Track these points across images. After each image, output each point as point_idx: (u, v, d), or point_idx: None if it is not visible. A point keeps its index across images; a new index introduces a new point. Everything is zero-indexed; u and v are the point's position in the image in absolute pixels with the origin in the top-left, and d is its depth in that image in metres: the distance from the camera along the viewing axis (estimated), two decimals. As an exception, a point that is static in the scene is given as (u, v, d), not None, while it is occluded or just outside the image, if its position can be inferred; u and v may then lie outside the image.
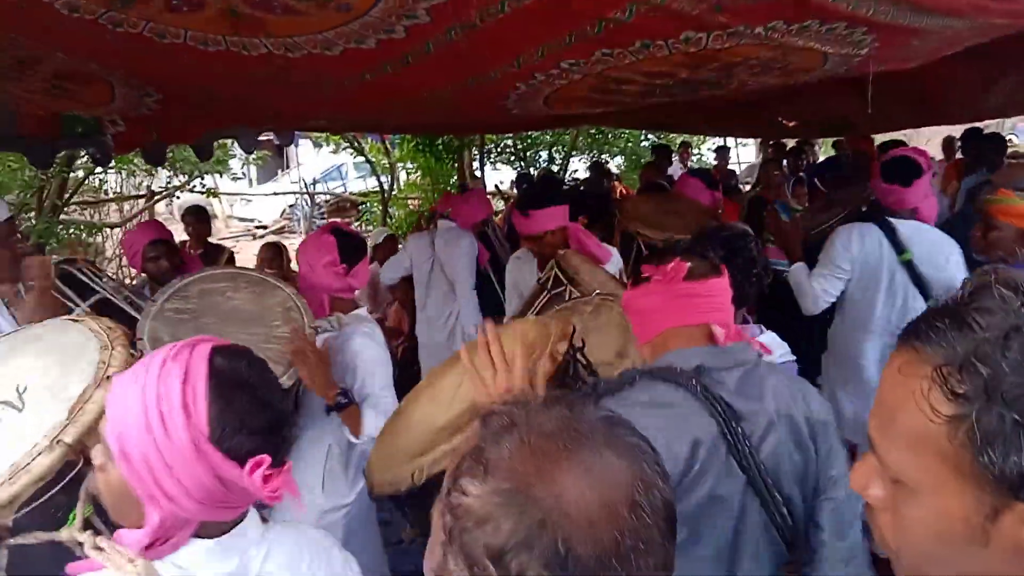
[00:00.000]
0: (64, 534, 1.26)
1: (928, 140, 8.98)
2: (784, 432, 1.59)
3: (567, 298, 2.86)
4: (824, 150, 12.19)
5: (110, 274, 2.76)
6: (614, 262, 3.83)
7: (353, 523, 2.83)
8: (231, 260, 6.10)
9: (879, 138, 8.73)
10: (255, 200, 20.15)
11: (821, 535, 1.62)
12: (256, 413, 1.18)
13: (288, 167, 23.36)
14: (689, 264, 1.73)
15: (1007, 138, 15.67)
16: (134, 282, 4.54)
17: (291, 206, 19.39)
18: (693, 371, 1.60)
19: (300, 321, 2.38)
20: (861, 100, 6.14)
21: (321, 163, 20.40)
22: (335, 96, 3.06)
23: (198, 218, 5.97)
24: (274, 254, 6.25)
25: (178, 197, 10.98)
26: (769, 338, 2.28)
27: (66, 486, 1.35)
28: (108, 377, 1.43)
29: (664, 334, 1.74)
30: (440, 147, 10.67)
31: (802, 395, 1.70)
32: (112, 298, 2.54)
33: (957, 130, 8.50)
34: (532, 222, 3.66)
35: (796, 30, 2.37)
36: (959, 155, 8.27)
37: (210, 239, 6.31)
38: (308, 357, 2.46)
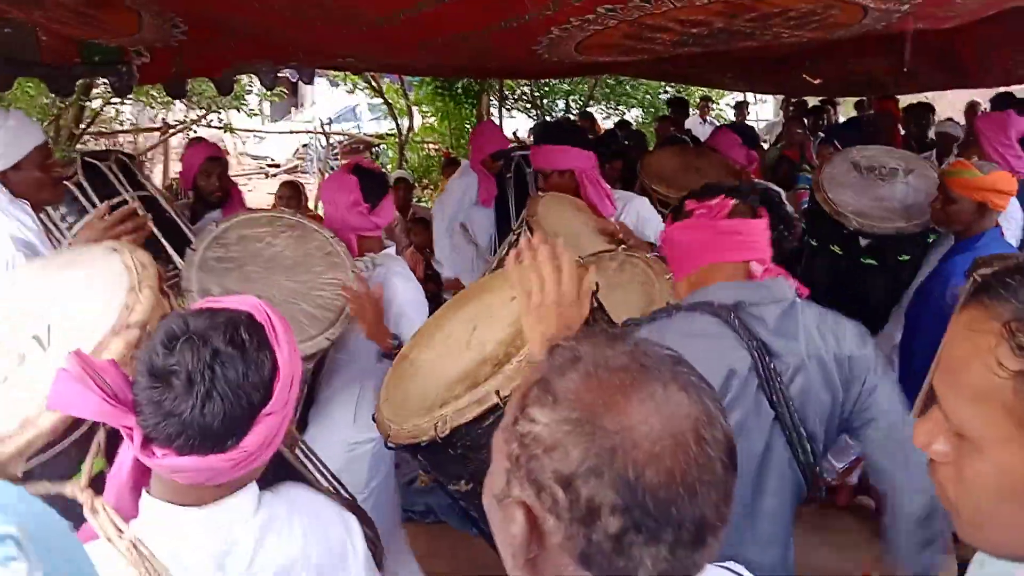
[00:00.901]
0: (67, 488, 1.21)
1: (950, 103, 8.81)
2: (814, 371, 1.61)
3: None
4: (845, 110, 12.03)
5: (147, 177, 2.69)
6: (635, 212, 3.75)
7: (376, 457, 2.88)
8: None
9: (903, 99, 8.59)
10: (268, 138, 20.03)
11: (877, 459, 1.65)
12: None
13: (301, 106, 23.16)
14: (733, 201, 1.75)
15: None
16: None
17: (304, 145, 19.26)
18: (732, 306, 1.62)
19: (343, 265, 2.38)
20: (888, 58, 6.06)
21: (335, 103, 20.21)
22: (367, 34, 3.02)
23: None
24: (292, 193, 6.25)
25: (194, 131, 10.93)
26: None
27: (79, 439, 1.32)
28: (128, 325, 1.37)
29: (704, 269, 1.76)
30: (459, 91, 10.58)
31: (835, 333, 1.71)
32: (131, 201, 2.49)
33: (979, 94, 8.34)
34: (540, 156, 3.66)
35: (840, -18, 2.33)
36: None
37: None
38: (366, 307, 2.50)
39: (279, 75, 5.63)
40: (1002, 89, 7.41)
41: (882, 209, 3.67)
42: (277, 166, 19.01)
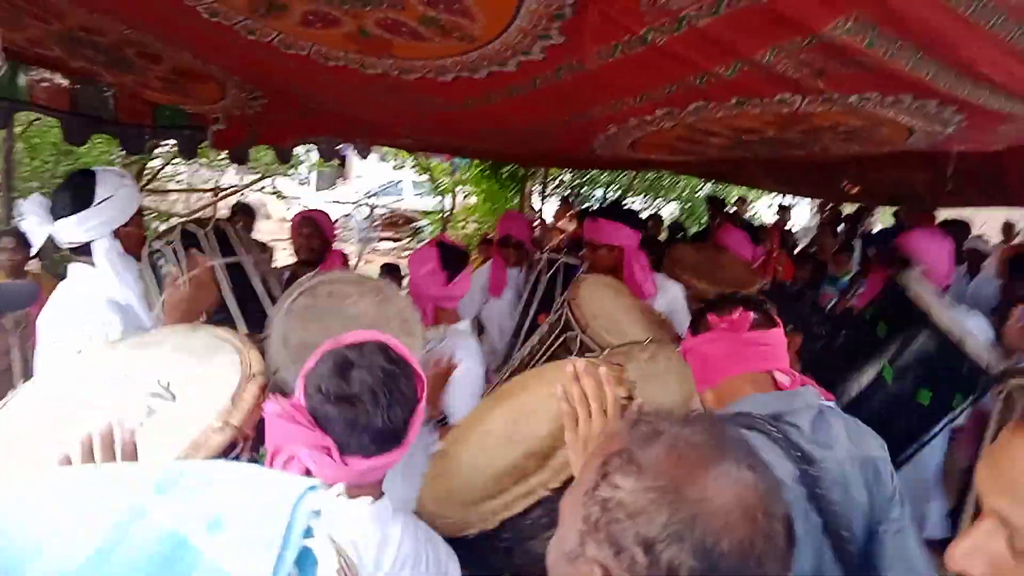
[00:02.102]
0: None
1: (985, 222, 8.88)
2: (854, 475, 1.66)
3: (578, 343, 2.89)
4: (882, 218, 12.12)
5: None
6: (669, 300, 3.81)
7: None
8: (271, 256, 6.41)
9: (940, 214, 8.69)
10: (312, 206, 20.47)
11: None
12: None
13: (347, 177, 23.77)
14: (753, 314, 1.84)
15: None
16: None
17: (346, 216, 19.72)
18: (770, 417, 1.68)
19: (415, 333, 2.50)
20: (930, 173, 6.18)
21: (379, 176, 20.74)
22: (433, 117, 3.21)
23: (246, 215, 6.35)
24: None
25: (243, 195, 11.30)
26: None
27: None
28: (254, 374, 1.65)
29: (731, 380, 1.81)
30: (504, 175, 10.88)
31: (863, 438, 1.77)
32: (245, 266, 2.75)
33: (1015, 214, 8.42)
34: (593, 228, 3.75)
35: (890, 103, 2.47)
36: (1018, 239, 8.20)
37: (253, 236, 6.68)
38: (432, 379, 2.65)
39: (337, 147, 5.89)
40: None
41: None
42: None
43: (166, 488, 0.65)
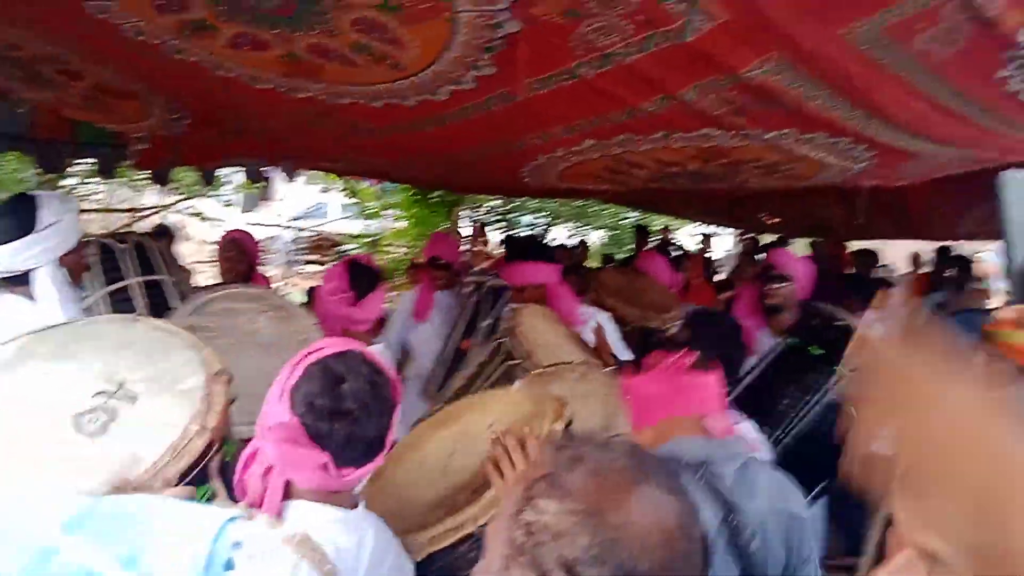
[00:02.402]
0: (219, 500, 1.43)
1: (893, 251, 9.32)
2: (773, 528, 1.68)
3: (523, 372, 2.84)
4: (798, 249, 12.57)
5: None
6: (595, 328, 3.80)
7: None
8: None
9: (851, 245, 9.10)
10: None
11: None
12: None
13: (270, 199, 23.37)
14: (695, 355, 1.87)
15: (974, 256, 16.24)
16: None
17: (270, 239, 19.37)
18: (698, 464, 1.70)
19: None
20: (843, 207, 6.47)
21: (306, 199, 20.43)
22: (363, 143, 3.20)
23: (166, 236, 6.15)
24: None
25: (163, 216, 10.98)
26: (747, 426, 2.38)
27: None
28: (216, 372, 1.58)
29: (666, 422, 1.82)
30: (435, 199, 10.86)
31: (785, 493, 1.79)
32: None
33: (923, 245, 8.85)
34: (514, 272, 3.77)
35: (805, 139, 2.58)
36: (924, 270, 8.60)
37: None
38: None
39: (263, 169, 5.80)
40: (944, 243, 7.92)
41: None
42: (241, 256, 18.93)
43: (76, 527, 0.63)
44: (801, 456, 2.95)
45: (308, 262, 18.00)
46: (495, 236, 14.68)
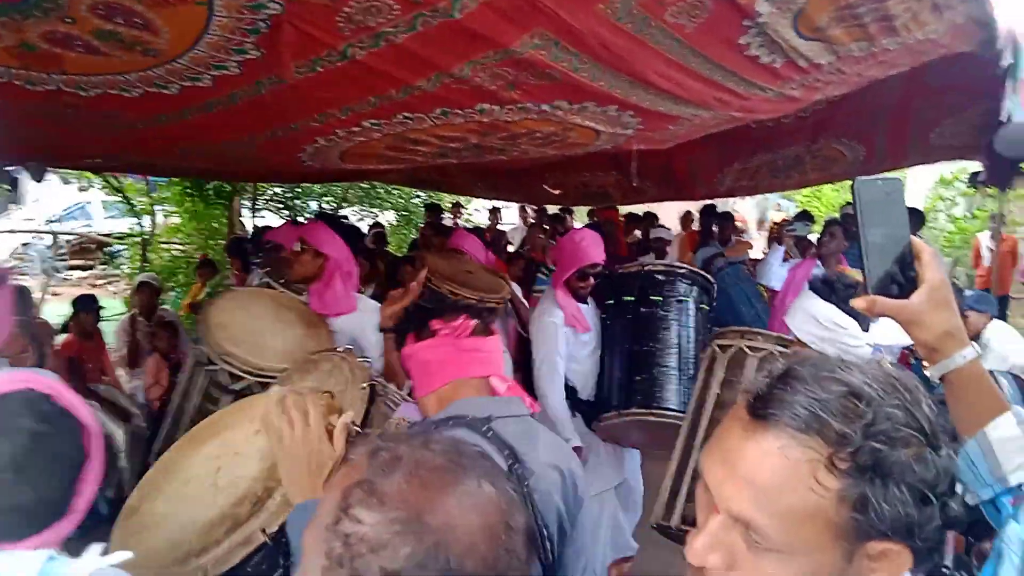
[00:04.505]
0: None
1: (666, 212, 10.05)
2: (552, 479, 1.76)
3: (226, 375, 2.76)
4: (579, 217, 13.20)
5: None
6: (364, 318, 3.39)
7: None
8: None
9: (624, 209, 9.75)
10: (-25, 239, 17.94)
11: None
12: None
13: (21, 203, 21.16)
14: (475, 321, 1.93)
15: (775, 204, 17.86)
16: None
17: (25, 245, 17.53)
18: (484, 419, 1.75)
19: None
20: (618, 174, 6.87)
21: (62, 200, 18.65)
22: (123, 136, 2.96)
23: None
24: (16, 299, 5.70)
25: None
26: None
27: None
28: None
29: (451, 384, 1.88)
30: (210, 192, 10.27)
31: (561, 450, 1.90)
32: None
33: (692, 205, 9.61)
34: (310, 229, 3.45)
35: (576, 109, 2.69)
36: (694, 227, 9.34)
37: None
38: None
39: (6, 169, 5.20)
40: (707, 201, 8.64)
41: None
42: (-9, 268, 17.01)
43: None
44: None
45: (72, 267, 16.48)
46: (277, 223, 14.22)
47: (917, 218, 7.22)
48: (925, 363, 1.24)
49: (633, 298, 3.74)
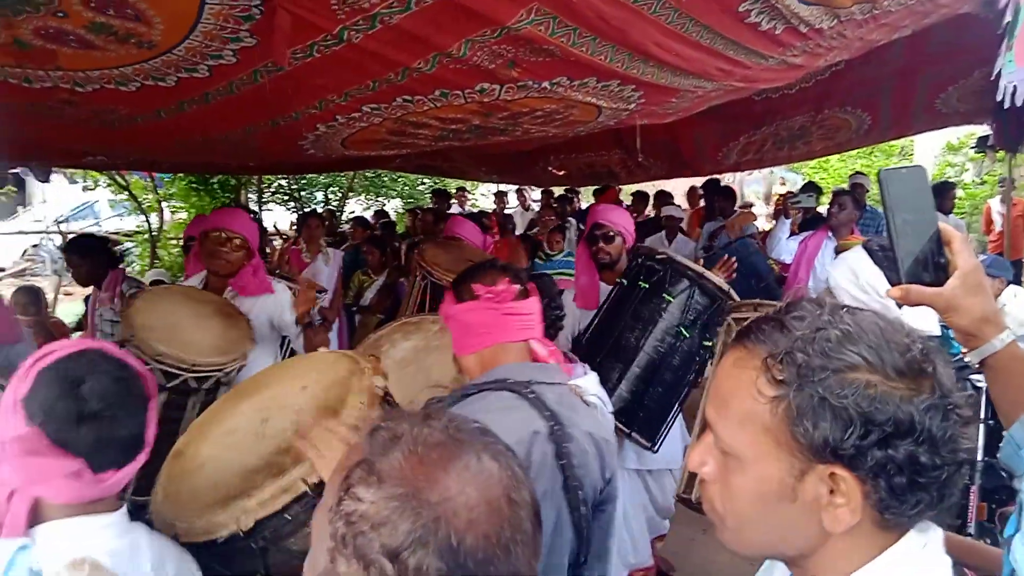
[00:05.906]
0: None
1: (673, 189, 10.00)
2: (589, 445, 1.77)
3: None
4: (585, 197, 13.14)
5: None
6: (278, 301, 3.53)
7: None
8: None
9: (628, 188, 9.73)
10: (-12, 240, 18.09)
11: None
12: None
13: (29, 204, 21.29)
14: (517, 287, 1.91)
15: (779, 179, 17.82)
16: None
17: (35, 246, 17.65)
18: (526, 382, 1.77)
19: None
20: (622, 152, 6.84)
21: (69, 200, 18.75)
22: (123, 131, 2.95)
23: None
24: (30, 299, 5.74)
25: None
26: (592, 379, 2.44)
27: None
28: None
29: (492, 348, 1.88)
30: (216, 186, 10.29)
31: (598, 419, 1.92)
32: None
33: (699, 181, 9.57)
34: (226, 216, 3.49)
35: (577, 85, 2.67)
36: (701, 204, 9.30)
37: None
38: None
39: (9, 172, 5.23)
40: (712, 176, 8.60)
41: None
42: (2, 270, 17.15)
43: None
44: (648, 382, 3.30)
45: (83, 267, 16.51)
46: (284, 215, 14.25)
47: (948, 189, 7.19)
48: (964, 350, 1.26)
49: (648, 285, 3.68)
